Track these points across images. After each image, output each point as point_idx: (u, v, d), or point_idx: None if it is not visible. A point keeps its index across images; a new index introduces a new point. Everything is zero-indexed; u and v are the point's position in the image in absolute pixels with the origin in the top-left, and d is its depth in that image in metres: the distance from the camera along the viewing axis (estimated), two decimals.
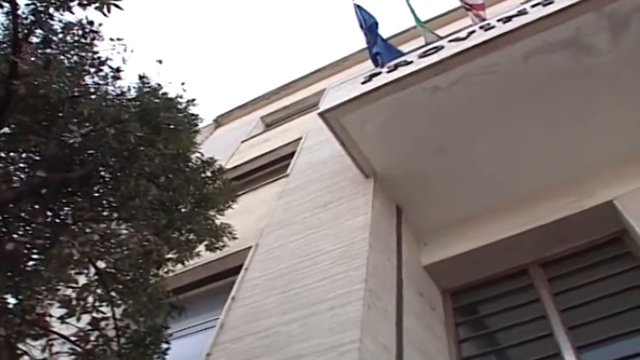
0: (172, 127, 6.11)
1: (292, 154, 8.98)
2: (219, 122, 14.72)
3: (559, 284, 5.31)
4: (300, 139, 9.49)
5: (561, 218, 5.62)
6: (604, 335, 4.57)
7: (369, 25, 8.81)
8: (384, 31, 9.22)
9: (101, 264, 4.46)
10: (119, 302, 4.45)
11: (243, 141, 11.75)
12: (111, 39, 5.03)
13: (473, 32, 6.35)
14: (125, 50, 5.08)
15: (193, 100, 6.28)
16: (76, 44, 5.05)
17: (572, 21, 5.62)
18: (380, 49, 8.71)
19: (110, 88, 5.25)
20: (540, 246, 5.64)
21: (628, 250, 5.27)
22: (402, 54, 8.50)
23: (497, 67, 5.81)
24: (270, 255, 5.74)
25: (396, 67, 6.43)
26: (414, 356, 4.29)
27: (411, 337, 4.41)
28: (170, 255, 4.94)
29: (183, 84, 5.64)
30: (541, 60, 5.74)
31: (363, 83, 6.40)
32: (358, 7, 9.06)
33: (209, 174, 6.34)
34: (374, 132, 6.17)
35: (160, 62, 5.32)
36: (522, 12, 6.14)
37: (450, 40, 6.42)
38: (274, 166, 9.43)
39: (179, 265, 5.05)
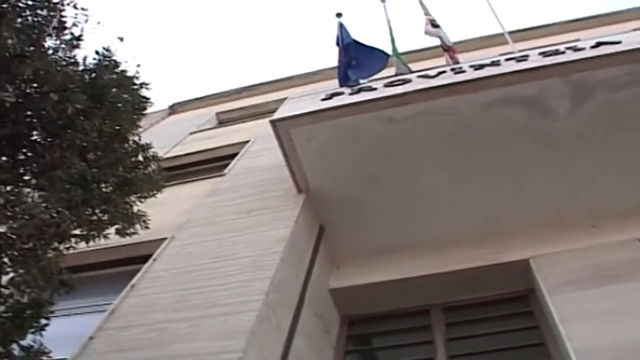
0: (118, 105, 6.02)
1: (235, 155, 8.90)
2: (174, 109, 14.56)
3: (456, 331, 5.34)
4: (247, 141, 9.43)
5: (474, 267, 5.67)
6: None
7: (345, 45, 8.85)
8: None
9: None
10: (9, 269, 4.29)
11: (191, 133, 11.62)
12: (75, 7, 4.92)
13: (444, 72, 6.44)
14: (87, 21, 4.98)
15: (147, 83, 6.22)
16: (39, 4, 4.93)
17: (538, 81, 5.75)
18: (358, 65, 8.74)
19: (68, 54, 5.15)
20: (447, 290, 5.67)
21: (531, 310, 5.36)
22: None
23: (455, 110, 5.89)
24: (182, 250, 5.65)
25: (359, 90, 6.48)
26: None
27: (297, 356, 4.36)
28: (77, 232, 4.80)
29: (139, 65, 5.55)
30: (498, 112, 5.85)
31: (323, 100, 6.42)
32: (340, 25, 9.11)
33: (140, 158, 6.24)
34: (318, 149, 6.16)
35: (121, 39, 5.21)
36: (495, 63, 6.27)
37: (419, 76, 6.51)
38: (213, 163, 9.31)
39: (90, 243, 4.89)
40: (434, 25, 10.24)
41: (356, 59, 8.86)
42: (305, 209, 6.01)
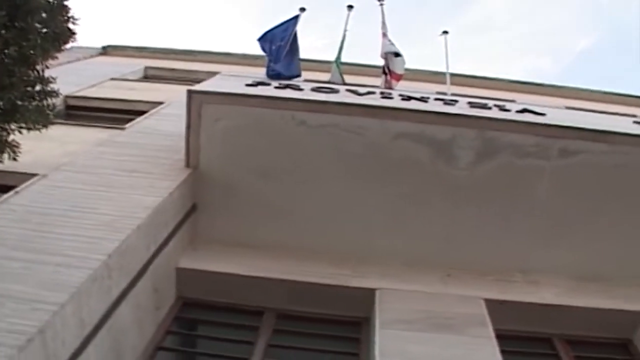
0: (41, 31, 5.89)
1: (144, 112, 8.78)
2: (106, 51, 14.24)
3: (281, 338, 5.43)
4: (161, 103, 9.32)
5: (324, 284, 5.79)
6: None
7: (286, 37, 8.85)
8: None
9: None
10: None
11: (112, 79, 11.37)
12: None
13: (372, 93, 6.59)
14: None
15: (76, 18, 6.11)
16: None
17: (454, 128, 5.93)
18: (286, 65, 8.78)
19: None
20: (288, 298, 5.77)
21: (359, 337, 5.53)
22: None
23: (366, 131, 6.00)
24: (48, 191, 5.52)
25: (286, 86, 6.56)
26: (104, 341, 4.23)
27: (115, 324, 4.36)
28: None
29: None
30: (405, 146, 6.00)
31: (247, 85, 6.44)
32: (295, 18, 9.10)
33: (38, 88, 6.10)
34: (222, 131, 6.15)
35: None
36: (423, 99, 6.43)
37: (348, 90, 6.62)
38: (121, 114, 9.15)
39: None
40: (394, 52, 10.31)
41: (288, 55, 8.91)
42: (185, 184, 6.00)
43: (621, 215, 6.20)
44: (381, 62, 10.47)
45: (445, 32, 11.55)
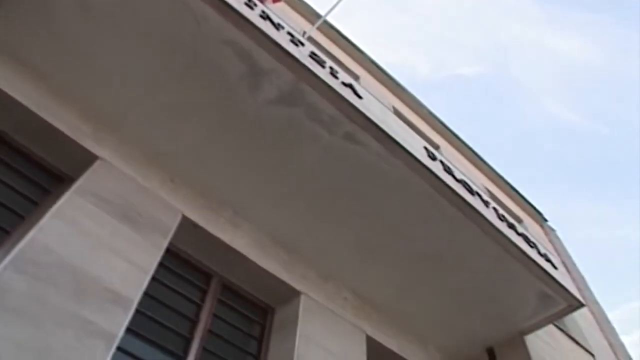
0: None
1: None
2: None
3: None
4: None
5: (57, 128, 5.69)
6: None
7: None
8: None
9: None
10: None
11: None
12: None
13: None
14: None
15: None
16: None
17: (278, 63, 6.03)
18: None
19: None
20: (15, 125, 5.62)
21: (50, 190, 5.63)
22: None
23: (204, 22, 5.78)
24: None
25: None
26: None
27: None
28: None
29: None
30: (226, 53, 5.90)
31: None
32: None
33: None
34: None
35: None
36: (278, 26, 6.37)
37: None
38: None
39: None
40: None
41: None
42: None
43: (348, 211, 6.84)
44: None
45: None
